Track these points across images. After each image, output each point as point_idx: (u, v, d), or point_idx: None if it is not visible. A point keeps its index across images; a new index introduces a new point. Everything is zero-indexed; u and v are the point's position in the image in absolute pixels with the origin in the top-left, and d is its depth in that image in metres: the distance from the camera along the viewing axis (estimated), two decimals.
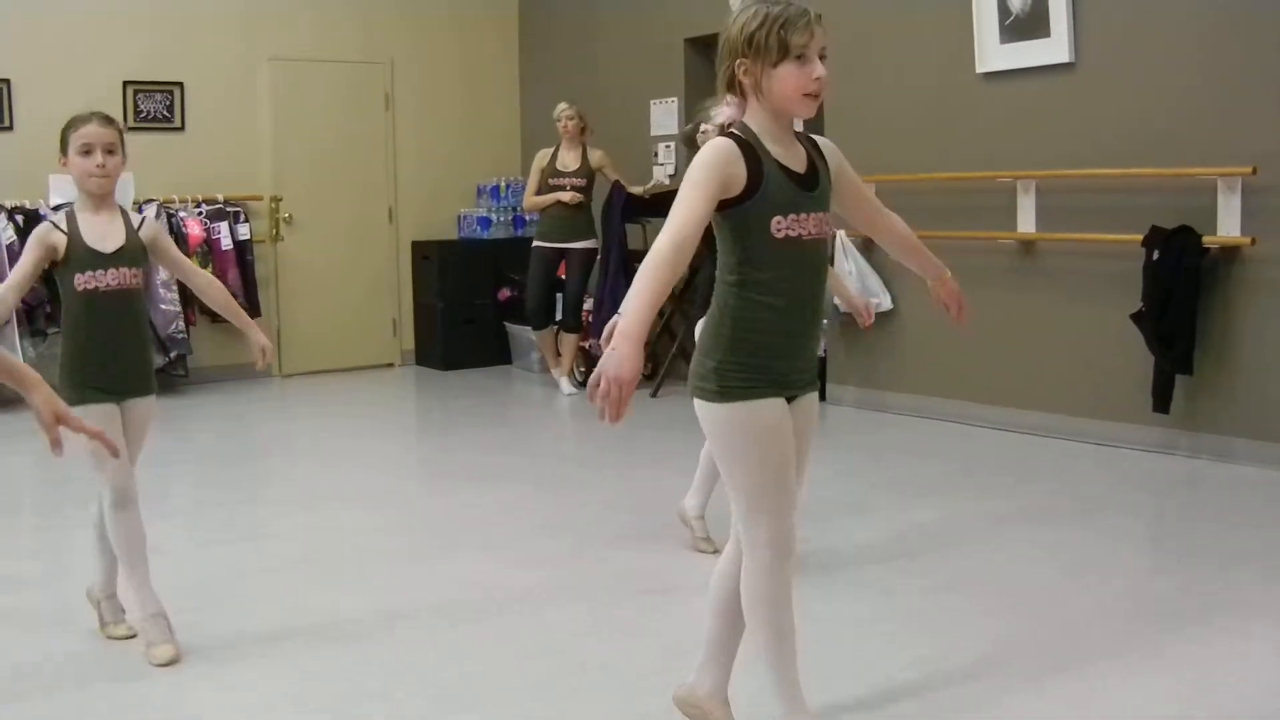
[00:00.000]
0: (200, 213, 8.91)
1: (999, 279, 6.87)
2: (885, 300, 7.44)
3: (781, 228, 2.67)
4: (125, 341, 3.69)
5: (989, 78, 6.97)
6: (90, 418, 3.49)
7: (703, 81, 8.97)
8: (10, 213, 8.25)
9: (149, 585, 3.70)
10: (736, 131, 2.72)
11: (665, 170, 9.16)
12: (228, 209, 9.07)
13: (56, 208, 8.20)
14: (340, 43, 9.71)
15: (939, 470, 6.19)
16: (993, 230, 6.95)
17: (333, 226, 9.76)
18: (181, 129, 9.09)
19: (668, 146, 9.19)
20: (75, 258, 3.61)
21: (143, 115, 8.90)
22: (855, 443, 6.80)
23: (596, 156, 8.65)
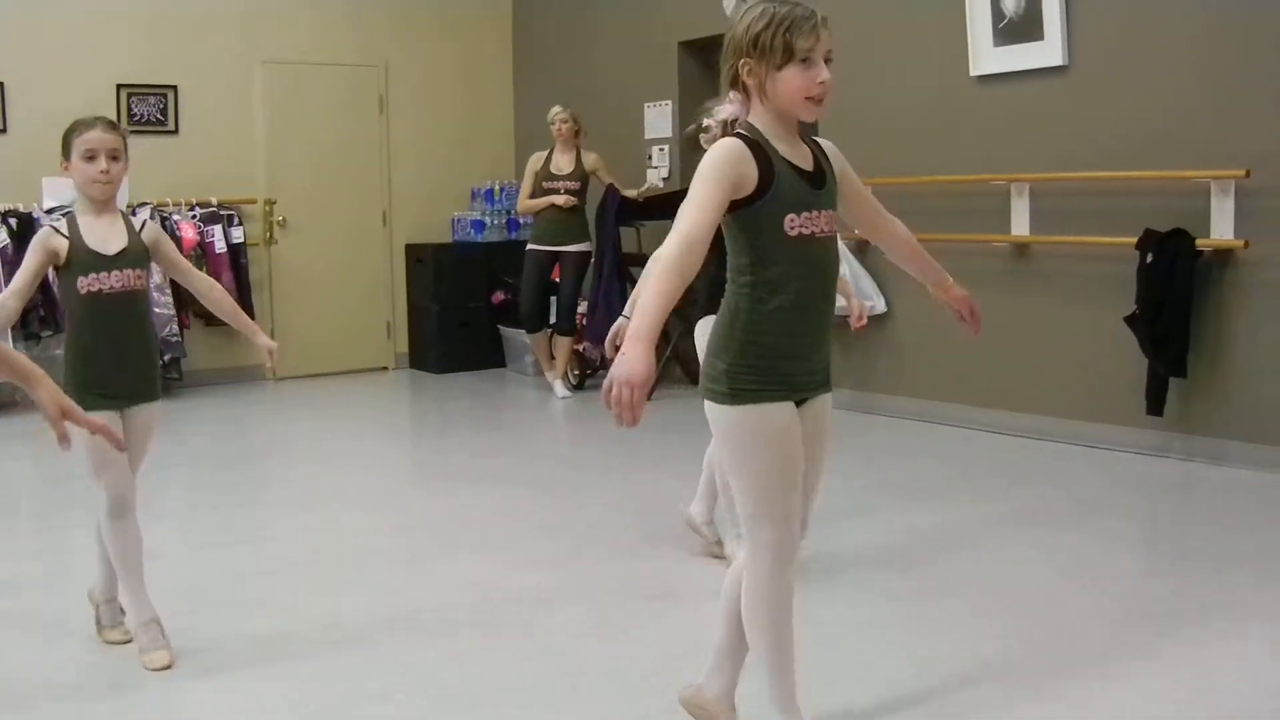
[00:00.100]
0: (194, 216, 8.90)
1: (993, 282, 6.88)
2: (879, 303, 7.46)
3: (795, 226, 2.65)
4: (130, 344, 3.67)
5: (983, 81, 6.99)
6: None
7: (697, 85, 9.00)
8: (4, 216, 8.23)
9: (144, 593, 3.69)
10: (744, 131, 2.68)
11: (659, 173, 9.17)
12: (222, 212, 9.07)
13: (50, 211, 8.20)
14: (334, 46, 9.71)
15: (935, 473, 6.20)
16: (987, 233, 6.97)
17: (327, 230, 9.75)
18: (175, 132, 9.09)
19: (662, 149, 9.20)
20: (78, 261, 3.58)
21: (136, 118, 8.89)
22: (850, 445, 6.80)
23: (591, 159, 8.66)
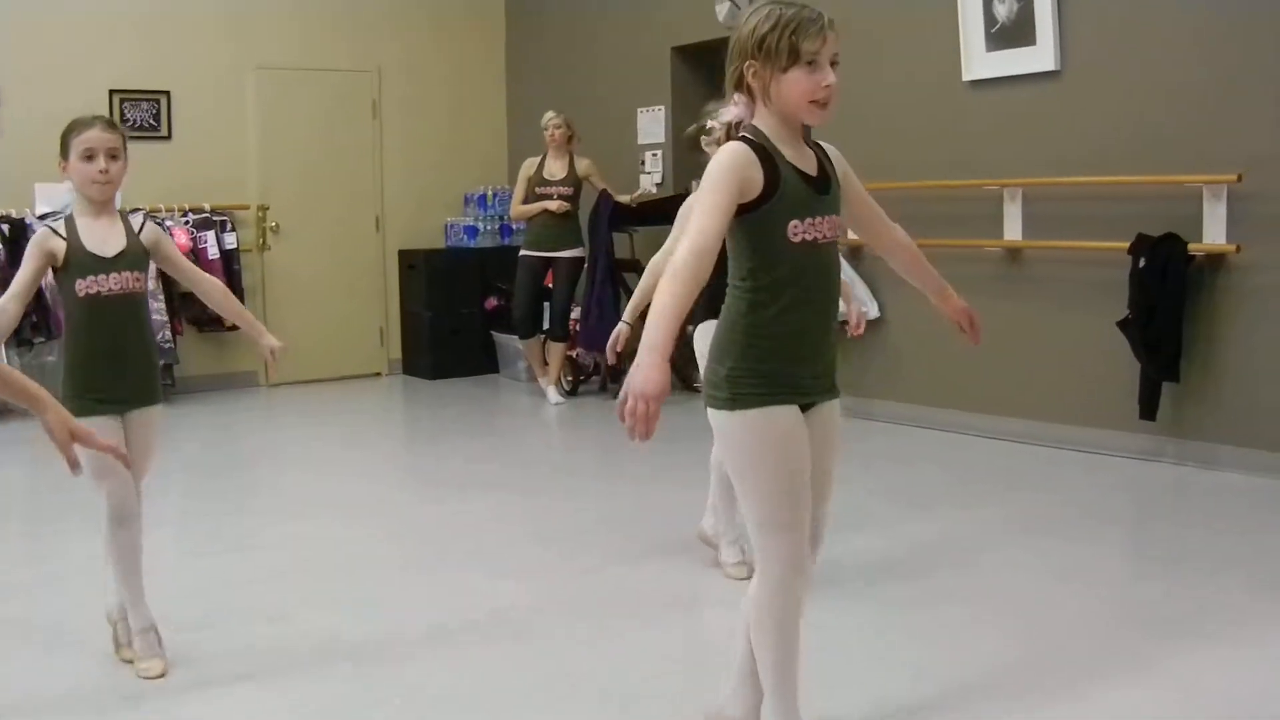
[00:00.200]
0: (187, 222, 8.89)
1: (986, 287, 6.88)
2: (873, 309, 7.45)
3: (798, 231, 2.62)
4: (129, 347, 3.62)
5: (975, 85, 6.99)
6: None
7: (690, 90, 8.99)
8: None
9: (143, 600, 3.66)
10: (748, 135, 2.65)
11: (652, 179, 9.17)
12: (214, 218, 9.05)
13: (43, 217, 8.18)
14: (327, 51, 9.70)
15: (929, 479, 6.20)
16: (979, 238, 6.97)
17: (320, 235, 9.75)
18: (168, 138, 9.08)
19: (655, 154, 9.20)
20: (76, 263, 3.54)
21: (129, 124, 8.88)
22: (847, 451, 6.77)
23: (583, 165, 8.65)
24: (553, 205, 8.51)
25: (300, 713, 3.43)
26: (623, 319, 4.52)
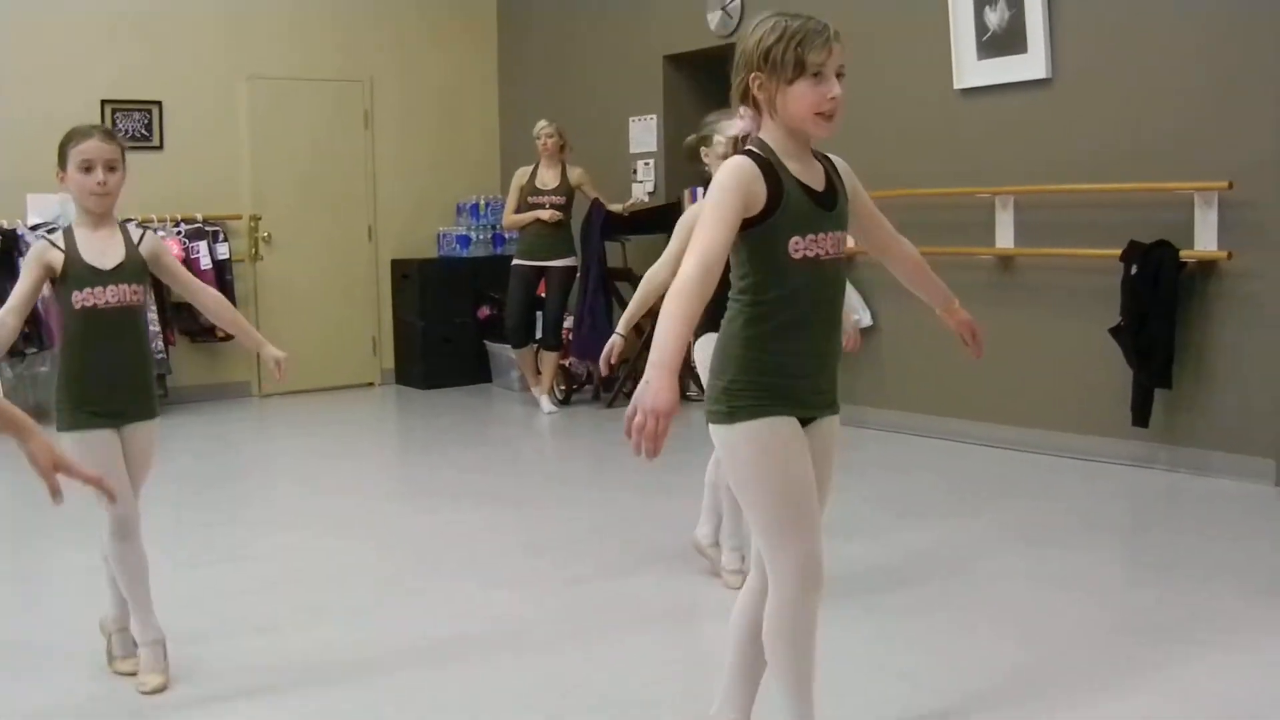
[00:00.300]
0: (179, 232, 8.88)
1: (978, 294, 6.88)
2: (865, 317, 7.46)
3: (799, 248, 2.59)
4: (126, 361, 3.58)
5: (967, 94, 7.01)
6: (88, 445, 3.45)
7: (682, 99, 9.01)
8: None
9: (151, 613, 3.62)
10: (754, 149, 2.62)
11: (645, 188, 9.18)
12: (207, 228, 9.05)
13: (35, 227, 8.17)
14: (319, 61, 9.70)
15: (922, 486, 6.20)
16: (971, 246, 6.98)
17: (312, 245, 9.74)
18: (160, 148, 9.07)
19: (647, 164, 9.21)
20: (73, 274, 3.49)
21: (121, 134, 8.84)
22: (839, 459, 6.80)
23: (576, 174, 8.66)
24: (545, 214, 8.52)
25: None
26: (616, 331, 4.50)
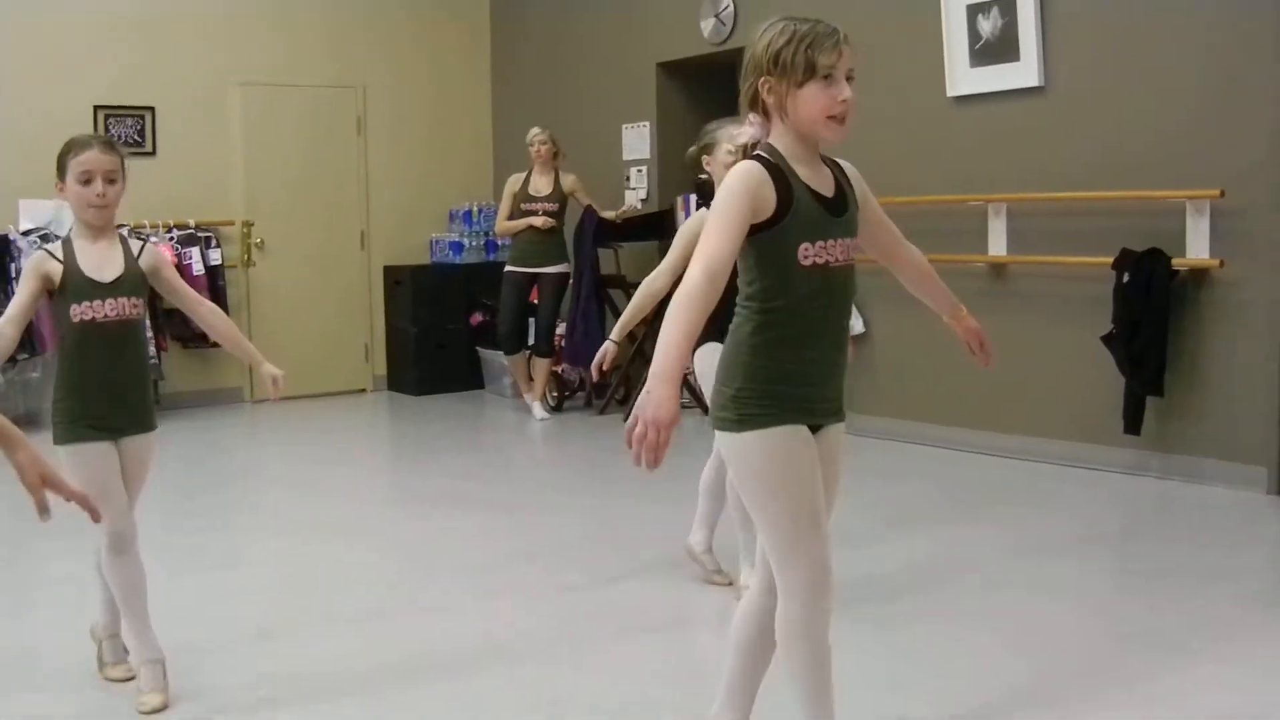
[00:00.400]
0: (171, 238, 8.86)
1: (970, 301, 6.73)
2: (857, 324, 7.46)
3: (809, 255, 2.56)
4: (124, 375, 3.50)
5: (959, 101, 7.02)
6: (84, 458, 3.40)
7: (675, 106, 9.02)
8: None
9: (149, 630, 3.55)
10: (763, 154, 2.60)
11: (637, 194, 9.18)
12: (199, 234, 9.03)
13: (27, 233, 8.15)
14: (312, 67, 9.70)
15: (914, 494, 6.19)
16: (964, 253, 6.98)
17: (305, 251, 9.72)
18: (152, 153, 9.06)
19: (640, 171, 9.21)
20: (72, 287, 3.42)
21: (119, 140, 8.85)
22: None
23: (569, 181, 8.66)
24: (538, 221, 8.52)
25: None
26: (610, 338, 4.49)
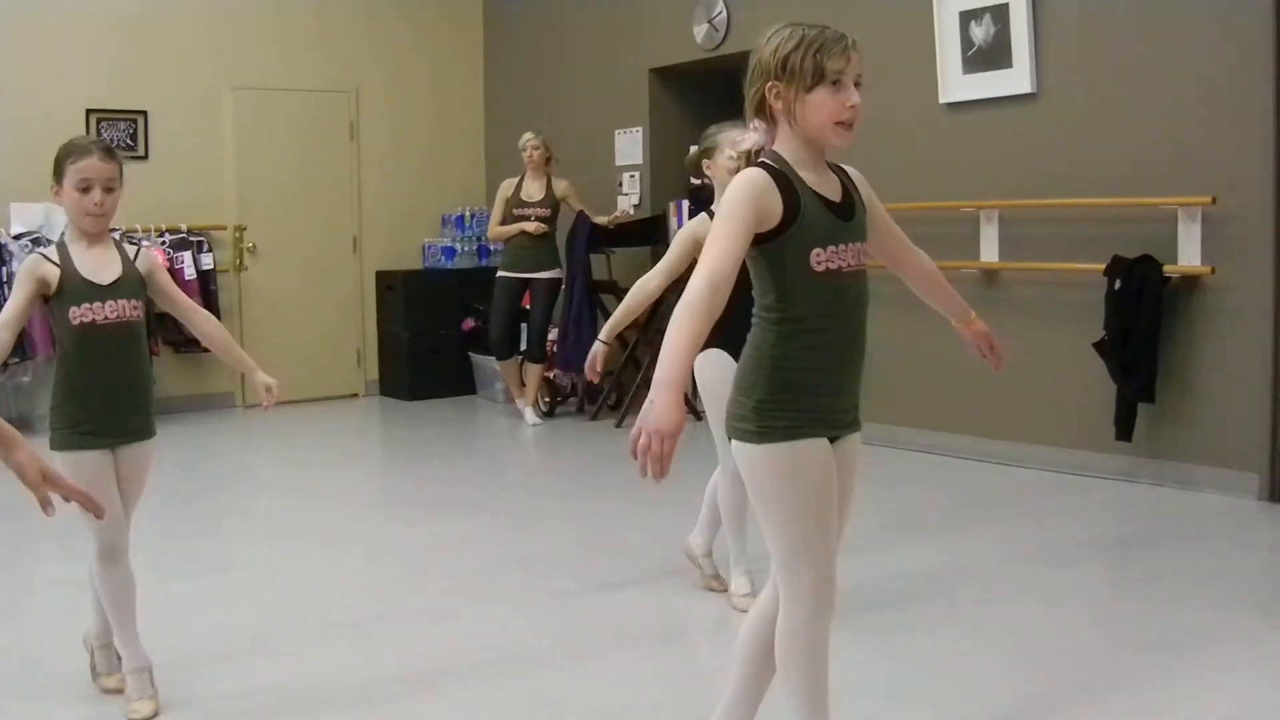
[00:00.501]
0: (164, 242, 8.85)
1: None
2: None
3: (821, 260, 2.53)
4: (123, 380, 3.45)
5: (952, 108, 7.03)
6: (80, 466, 3.34)
7: (668, 111, 9.03)
8: None
9: (137, 639, 3.52)
10: (768, 160, 2.58)
11: (630, 200, 9.18)
12: (191, 238, 9.03)
13: (18, 237, 8.14)
14: (305, 72, 9.69)
15: (906, 502, 6.19)
16: (956, 259, 6.98)
17: (297, 256, 9.72)
18: (145, 158, 9.05)
19: (633, 176, 9.21)
20: (70, 290, 3.36)
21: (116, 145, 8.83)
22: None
23: (561, 186, 8.66)
24: (530, 226, 8.52)
25: None
26: (599, 338, 4.47)
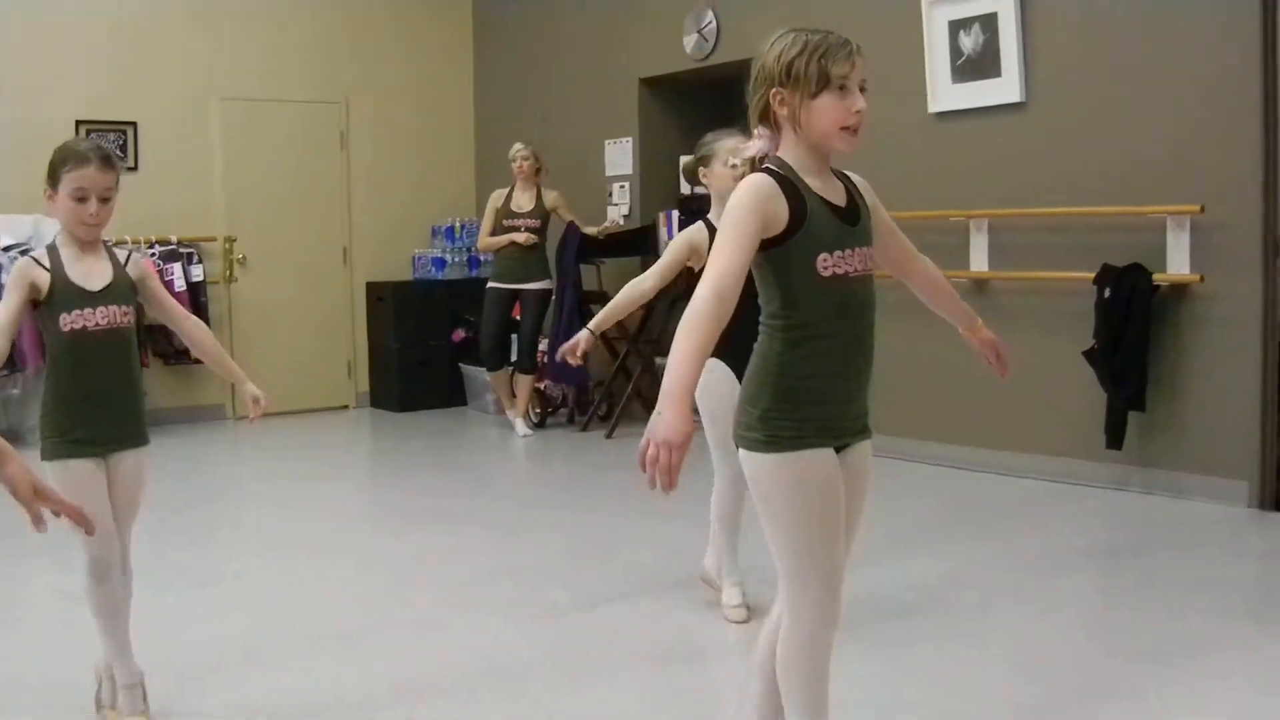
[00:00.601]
0: (154, 253, 8.82)
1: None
2: None
3: (828, 265, 2.53)
4: (115, 387, 3.40)
5: (941, 117, 7.04)
6: (71, 475, 3.30)
7: (658, 121, 9.03)
8: None
9: (129, 654, 3.48)
10: (773, 166, 2.57)
11: (620, 210, 9.18)
12: (181, 250, 9.01)
13: (8, 249, 8.11)
14: (295, 82, 9.69)
15: (900, 511, 6.16)
16: (946, 269, 6.84)
17: (287, 267, 9.71)
18: (134, 169, 9.02)
19: (623, 186, 9.21)
20: (60, 295, 3.31)
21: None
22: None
23: (551, 197, 8.66)
24: (520, 237, 8.51)
25: None
26: (588, 326, 4.42)
